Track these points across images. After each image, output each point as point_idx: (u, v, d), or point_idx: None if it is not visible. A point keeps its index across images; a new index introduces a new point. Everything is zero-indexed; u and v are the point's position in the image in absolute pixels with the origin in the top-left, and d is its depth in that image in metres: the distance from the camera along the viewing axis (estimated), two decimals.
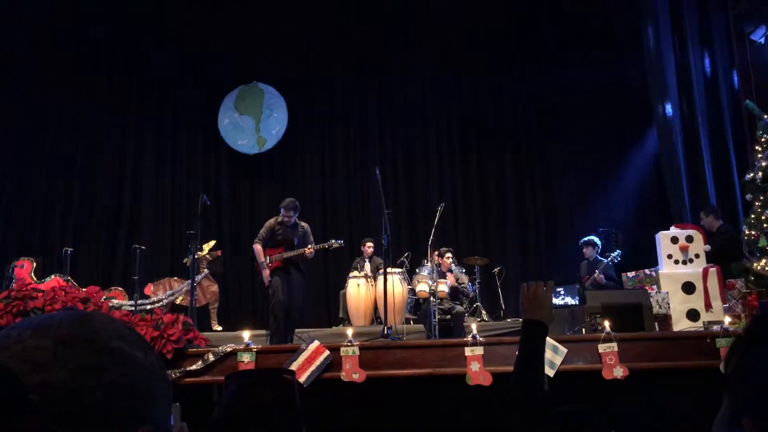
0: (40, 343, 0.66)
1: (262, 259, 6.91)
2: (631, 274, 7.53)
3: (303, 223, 7.13)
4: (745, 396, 0.90)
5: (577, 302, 6.99)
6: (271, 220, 7.08)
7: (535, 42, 11.19)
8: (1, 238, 10.23)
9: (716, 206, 7.77)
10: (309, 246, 6.86)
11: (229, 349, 4.99)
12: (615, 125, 10.66)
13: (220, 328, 8.86)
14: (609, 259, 8.12)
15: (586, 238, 8.56)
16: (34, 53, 10.90)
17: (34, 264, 8.37)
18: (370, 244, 8.87)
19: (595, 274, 7.98)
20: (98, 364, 0.66)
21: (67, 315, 0.70)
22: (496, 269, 9.57)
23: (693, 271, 6.22)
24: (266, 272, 6.84)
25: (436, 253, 8.00)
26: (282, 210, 6.93)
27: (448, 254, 8.17)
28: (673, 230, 6.68)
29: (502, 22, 11.37)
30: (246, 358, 4.91)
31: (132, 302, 7.99)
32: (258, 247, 6.97)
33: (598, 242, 8.56)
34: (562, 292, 7.54)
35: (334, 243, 7.16)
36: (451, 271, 8.12)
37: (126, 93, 11.27)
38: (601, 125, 10.70)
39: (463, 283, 8.15)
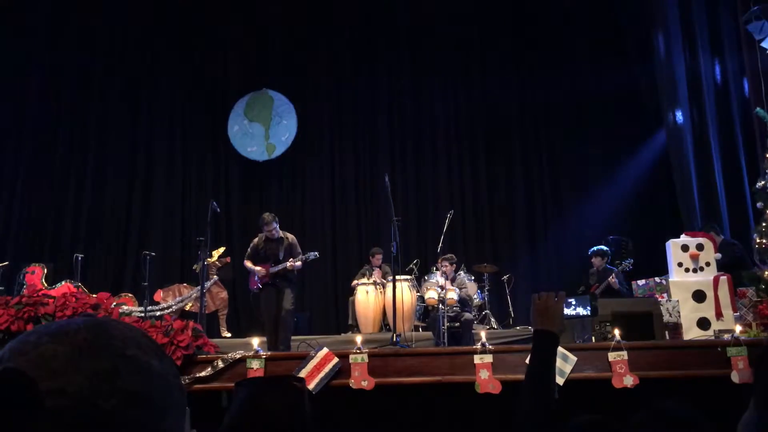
0: (57, 349, 0.66)
1: (251, 266, 7.07)
2: (641, 282, 7.48)
3: (288, 235, 7.18)
4: None
5: (589, 313, 6.93)
6: (255, 239, 7.22)
7: (545, 50, 11.18)
8: (13, 244, 10.30)
9: (715, 223, 7.69)
10: (291, 259, 6.91)
11: (238, 356, 4.99)
12: (625, 133, 10.61)
13: (229, 335, 8.87)
14: (621, 267, 8.06)
15: (595, 248, 8.47)
16: (45, 64, 11.00)
17: (45, 270, 8.41)
18: (378, 256, 8.84)
19: (610, 278, 7.90)
20: (114, 371, 0.67)
21: (84, 322, 0.71)
22: (505, 277, 9.54)
23: (704, 279, 6.17)
24: (261, 270, 6.93)
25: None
26: (264, 227, 7.02)
27: (446, 262, 7.94)
28: (684, 238, 6.64)
29: (512, 30, 11.39)
30: (255, 365, 4.90)
31: (142, 308, 8.02)
32: (247, 262, 7.16)
33: (608, 251, 8.48)
34: (574, 303, 7.47)
35: (311, 256, 7.09)
36: (447, 278, 7.85)
37: (136, 100, 11.34)
38: (611, 132, 10.67)
39: (465, 287, 8.03)
